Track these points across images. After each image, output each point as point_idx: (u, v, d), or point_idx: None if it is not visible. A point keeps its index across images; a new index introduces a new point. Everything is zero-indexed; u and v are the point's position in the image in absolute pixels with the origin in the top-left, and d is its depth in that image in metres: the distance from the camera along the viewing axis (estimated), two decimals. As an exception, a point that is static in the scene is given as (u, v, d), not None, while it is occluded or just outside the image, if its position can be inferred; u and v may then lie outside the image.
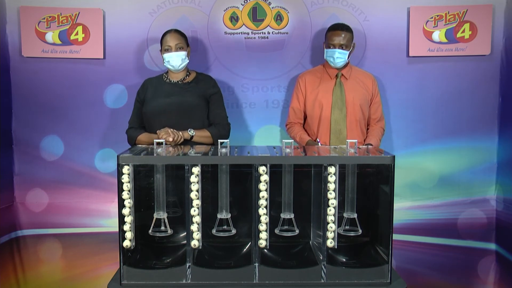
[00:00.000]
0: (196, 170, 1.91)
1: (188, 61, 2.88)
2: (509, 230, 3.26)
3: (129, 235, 1.94)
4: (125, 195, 1.92)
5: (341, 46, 2.93)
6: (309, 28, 3.27)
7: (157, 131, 2.59)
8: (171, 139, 2.49)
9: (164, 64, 2.87)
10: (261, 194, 1.91)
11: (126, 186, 1.91)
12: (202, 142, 2.74)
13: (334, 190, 1.93)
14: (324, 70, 3.07)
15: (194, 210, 1.93)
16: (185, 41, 2.89)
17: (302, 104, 3.08)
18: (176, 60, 2.82)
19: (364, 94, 3.03)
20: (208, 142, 2.77)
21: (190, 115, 2.80)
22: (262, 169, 1.91)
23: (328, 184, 1.93)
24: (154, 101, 2.83)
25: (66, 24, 3.21)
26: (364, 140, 3.05)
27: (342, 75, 3.03)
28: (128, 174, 1.92)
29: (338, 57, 2.94)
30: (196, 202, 1.92)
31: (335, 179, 1.93)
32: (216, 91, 2.91)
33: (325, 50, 3.00)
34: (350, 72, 3.06)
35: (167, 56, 2.82)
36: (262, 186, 1.91)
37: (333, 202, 1.93)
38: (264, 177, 1.91)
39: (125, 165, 1.92)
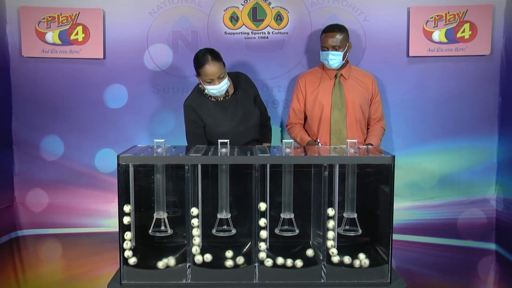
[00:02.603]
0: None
1: (229, 82, 2.76)
2: (509, 230, 3.26)
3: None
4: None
5: (334, 48, 2.92)
6: (309, 28, 3.28)
7: None
8: None
9: (206, 91, 2.75)
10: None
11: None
12: None
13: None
14: (324, 71, 3.06)
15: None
16: (223, 63, 2.69)
17: (302, 105, 3.08)
18: (221, 91, 2.72)
19: (363, 94, 3.03)
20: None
21: (253, 122, 2.88)
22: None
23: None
24: (220, 125, 2.81)
25: (66, 24, 3.21)
26: (365, 140, 3.05)
27: (341, 75, 3.03)
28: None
29: (332, 59, 2.93)
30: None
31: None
32: (254, 88, 2.98)
33: (320, 53, 2.99)
34: (350, 72, 3.05)
35: (211, 88, 2.68)
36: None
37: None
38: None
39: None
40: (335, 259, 1.98)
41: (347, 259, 2.00)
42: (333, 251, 1.97)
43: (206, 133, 2.86)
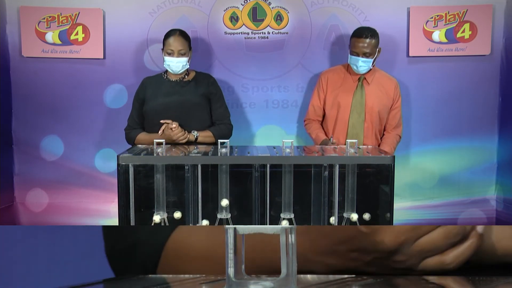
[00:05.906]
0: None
1: (188, 66, 2.79)
2: (509, 230, 3.25)
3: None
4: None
5: (364, 54, 2.81)
6: (309, 28, 3.28)
7: (161, 121, 2.63)
8: (174, 125, 2.57)
9: (164, 65, 2.80)
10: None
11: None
12: (206, 142, 2.72)
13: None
14: (347, 71, 2.96)
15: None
16: (189, 45, 2.78)
17: (322, 102, 2.99)
18: (176, 66, 2.74)
19: (383, 101, 2.93)
20: (211, 142, 2.73)
21: (191, 114, 2.77)
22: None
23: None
24: (154, 100, 2.78)
25: (66, 24, 3.21)
26: (379, 146, 2.98)
27: (365, 79, 2.93)
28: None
29: (362, 65, 2.83)
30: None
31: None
32: (217, 90, 2.86)
33: (349, 55, 2.87)
34: (373, 76, 2.94)
35: (168, 59, 2.74)
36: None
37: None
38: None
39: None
40: None
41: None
42: None
43: (144, 109, 2.80)
